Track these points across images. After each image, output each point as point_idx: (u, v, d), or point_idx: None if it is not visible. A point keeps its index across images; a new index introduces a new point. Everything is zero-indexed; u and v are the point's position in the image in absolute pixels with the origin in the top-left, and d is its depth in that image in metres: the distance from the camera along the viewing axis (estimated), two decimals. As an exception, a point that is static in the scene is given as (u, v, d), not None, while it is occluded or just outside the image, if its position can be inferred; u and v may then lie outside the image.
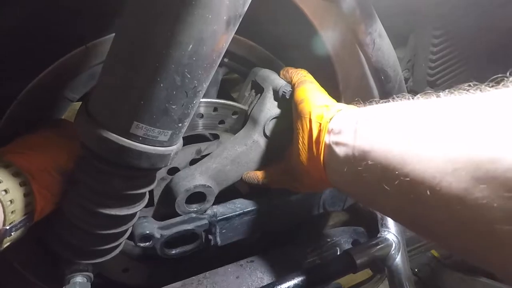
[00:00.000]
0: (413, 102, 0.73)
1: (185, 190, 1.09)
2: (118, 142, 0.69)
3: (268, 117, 1.16)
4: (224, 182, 1.17)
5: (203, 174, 1.13)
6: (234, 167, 1.17)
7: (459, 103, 0.61)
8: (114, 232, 0.85)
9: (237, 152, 1.16)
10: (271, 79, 1.18)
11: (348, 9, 1.11)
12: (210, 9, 0.62)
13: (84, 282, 0.87)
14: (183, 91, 0.68)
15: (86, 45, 0.96)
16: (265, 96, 1.17)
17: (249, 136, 1.18)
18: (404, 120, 0.69)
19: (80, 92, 1.04)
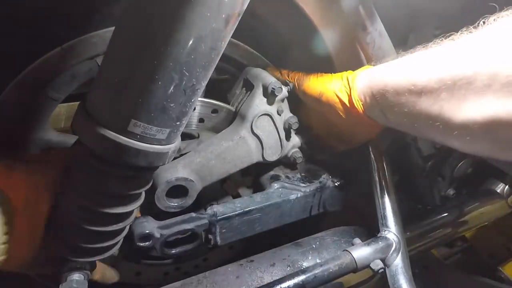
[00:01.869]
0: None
1: (166, 182, 1.07)
2: (116, 140, 0.68)
3: (256, 113, 1.17)
4: (208, 177, 1.16)
5: (186, 167, 1.12)
6: (218, 162, 1.16)
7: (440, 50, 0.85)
8: (111, 230, 0.85)
9: (222, 147, 1.16)
10: (262, 76, 1.19)
11: (349, 8, 1.11)
12: (209, 7, 0.62)
13: (81, 279, 0.87)
14: (181, 89, 0.68)
15: (62, 46, 0.97)
16: (254, 93, 1.18)
17: (236, 132, 1.18)
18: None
19: (64, 92, 1.05)
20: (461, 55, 0.75)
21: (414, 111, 0.88)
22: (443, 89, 0.77)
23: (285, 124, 1.24)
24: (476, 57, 0.71)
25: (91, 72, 1.05)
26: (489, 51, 0.69)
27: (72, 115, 1.16)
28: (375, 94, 0.99)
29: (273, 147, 1.25)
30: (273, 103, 1.20)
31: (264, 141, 1.21)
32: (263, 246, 1.23)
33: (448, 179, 1.56)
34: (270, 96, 1.17)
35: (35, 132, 1.06)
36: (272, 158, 1.26)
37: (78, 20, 0.98)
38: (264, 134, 1.21)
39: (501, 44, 0.68)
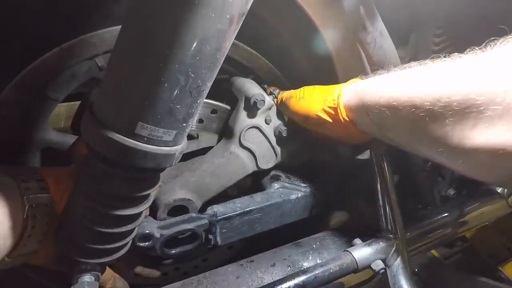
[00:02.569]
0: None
1: (165, 204, 1.10)
2: (123, 142, 0.68)
3: (243, 128, 1.18)
4: (206, 194, 1.18)
5: (183, 188, 1.14)
6: (214, 179, 1.18)
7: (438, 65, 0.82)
8: (120, 231, 0.85)
9: (215, 164, 1.18)
10: (245, 88, 1.20)
11: (350, 7, 1.10)
12: (213, 8, 0.62)
13: (92, 281, 0.87)
14: (187, 90, 0.68)
15: (61, 46, 0.97)
16: (239, 107, 1.19)
17: (226, 148, 1.20)
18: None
19: (64, 92, 1.05)
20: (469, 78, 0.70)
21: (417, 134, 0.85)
22: (449, 115, 0.72)
23: (275, 131, 1.25)
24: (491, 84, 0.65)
25: (90, 72, 1.05)
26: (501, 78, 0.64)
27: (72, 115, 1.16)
28: (368, 114, 0.97)
29: (267, 155, 1.26)
30: (257, 115, 1.21)
31: (256, 151, 1.22)
32: (263, 246, 1.23)
33: (448, 179, 1.56)
34: (253, 108, 1.18)
35: (35, 132, 1.06)
36: (268, 165, 1.27)
37: (78, 20, 0.98)
38: (254, 145, 1.22)
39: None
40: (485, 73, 0.68)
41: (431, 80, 0.78)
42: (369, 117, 0.97)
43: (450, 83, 0.73)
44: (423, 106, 0.77)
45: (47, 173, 0.86)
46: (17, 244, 0.78)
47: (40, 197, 0.80)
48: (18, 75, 0.95)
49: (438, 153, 0.81)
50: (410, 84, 0.84)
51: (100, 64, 1.04)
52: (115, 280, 1.07)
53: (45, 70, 0.98)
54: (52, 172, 0.87)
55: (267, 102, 1.18)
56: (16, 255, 0.79)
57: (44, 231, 0.82)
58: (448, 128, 0.73)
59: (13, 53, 0.93)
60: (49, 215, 0.82)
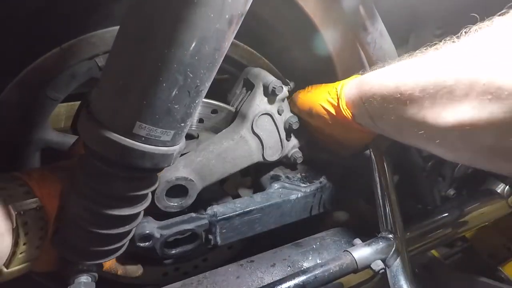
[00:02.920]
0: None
1: (166, 181, 1.07)
2: (121, 142, 0.68)
3: (257, 113, 1.17)
4: (208, 177, 1.15)
5: (187, 167, 1.11)
6: (219, 162, 1.15)
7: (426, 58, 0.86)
8: (118, 232, 0.85)
9: (223, 146, 1.15)
10: (262, 76, 1.19)
11: (350, 8, 1.10)
12: (212, 8, 0.62)
13: (88, 281, 0.87)
14: (186, 90, 0.68)
15: (61, 46, 0.97)
16: (255, 92, 1.18)
17: (237, 131, 1.18)
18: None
19: (64, 92, 1.05)
20: (443, 64, 0.77)
21: (401, 119, 0.90)
22: (426, 98, 0.79)
23: (285, 124, 1.24)
24: (457, 66, 0.73)
25: (90, 72, 1.05)
26: (468, 60, 0.71)
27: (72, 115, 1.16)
28: (364, 102, 1.00)
29: (274, 147, 1.25)
30: (274, 102, 1.20)
31: (265, 140, 1.21)
32: (263, 246, 1.23)
33: (448, 179, 1.56)
34: (270, 95, 1.17)
35: (35, 132, 1.06)
36: (272, 158, 1.26)
37: (78, 20, 0.98)
38: (264, 134, 1.21)
39: (480, 53, 0.70)
40: (455, 59, 0.75)
41: (414, 68, 0.86)
42: (364, 105, 1.01)
43: (427, 69, 0.81)
44: (406, 92, 0.84)
45: (27, 177, 0.84)
46: (14, 253, 0.77)
47: (26, 203, 0.78)
48: (18, 75, 0.95)
49: (419, 137, 0.87)
50: (397, 73, 0.91)
51: (100, 64, 1.04)
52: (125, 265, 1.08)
53: (45, 70, 0.98)
54: (33, 174, 0.86)
55: (284, 90, 1.18)
56: (16, 264, 0.78)
57: (40, 236, 0.81)
58: (425, 111, 0.80)
59: (13, 53, 0.93)
60: (41, 219, 0.81)
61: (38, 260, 0.84)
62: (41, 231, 0.81)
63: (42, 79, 0.99)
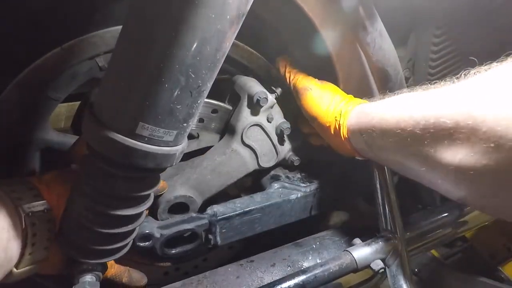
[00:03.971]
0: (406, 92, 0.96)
1: (166, 201, 1.11)
2: (124, 142, 0.68)
3: (245, 125, 1.18)
4: (206, 192, 1.18)
5: (184, 185, 1.14)
6: (215, 176, 1.18)
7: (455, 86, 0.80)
8: (121, 232, 0.86)
9: (216, 161, 1.18)
10: (248, 86, 1.20)
11: (349, 8, 1.10)
12: (214, 9, 0.62)
13: (93, 281, 0.87)
14: (188, 91, 0.68)
15: (62, 46, 0.97)
16: (241, 105, 1.19)
17: (228, 146, 1.20)
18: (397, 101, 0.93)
19: (64, 92, 1.05)
20: (443, 105, 0.76)
21: (401, 154, 0.91)
22: (427, 137, 0.78)
23: (277, 129, 1.25)
24: (456, 110, 0.72)
25: (91, 72, 1.05)
26: (468, 105, 0.70)
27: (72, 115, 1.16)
28: (362, 134, 1.02)
29: (268, 154, 1.26)
30: (259, 113, 1.21)
31: (258, 149, 1.22)
32: (263, 246, 1.23)
33: (448, 179, 1.56)
34: (255, 106, 1.18)
35: (35, 132, 1.06)
36: (269, 164, 1.27)
37: (78, 20, 0.98)
38: (256, 144, 1.22)
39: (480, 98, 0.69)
40: (455, 101, 0.74)
41: (414, 105, 0.84)
42: (362, 136, 1.02)
43: (428, 108, 0.79)
44: (407, 128, 0.83)
45: (36, 181, 0.86)
46: (23, 254, 0.78)
47: (34, 205, 0.80)
48: (19, 75, 0.95)
49: (421, 173, 0.87)
50: (398, 108, 0.90)
51: (100, 64, 1.04)
52: (130, 272, 1.08)
53: (46, 70, 0.97)
54: (41, 178, 0.88)
55: (269, 100, 1.18)
56: (25, 265, 0.79)
57: (47, 237, 0.82)
58: (427, 149, 0.79)
59: (13, 53, 0.93)
60: (49, 221, 0.82)
61: (46, 262, 0.85)
62: (48, 233, 0.82)
63: (42, 79, 0.98)
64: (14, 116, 0.99)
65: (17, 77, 0.95)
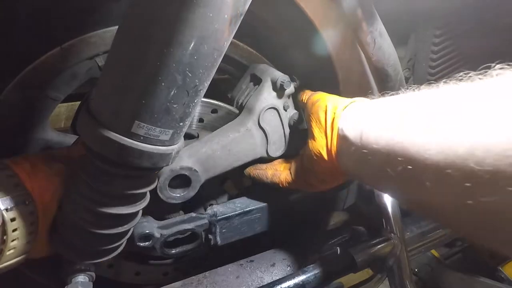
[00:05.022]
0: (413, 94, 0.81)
1: (170, 170, 1.04)
2: (120, 141, 0.68)
3: (264, 106, 1.16)
4: (212, 169, 1.13)
5: (191, 157, 1.09)
6: (224, 154, 1.14)
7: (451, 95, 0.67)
8: (116, 232, 0.85)
9: (228, 138, 1.14)
10: (270, 71, 1.19)
11: (349, 8, 1.10)
12: (212, 8, 0.62)
13: (86, 281, 0.88)
14: (184, 90, 0.68)
15: (61, 46, 0.97)
16: (262, 86, 1.18)
17: (243, 124, 1.17)
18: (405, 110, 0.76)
19: (64, 92, 1.05)
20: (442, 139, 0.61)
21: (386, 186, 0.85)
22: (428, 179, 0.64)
23: (290, 120, 1.24)
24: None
25: (90, 71, 1.05)
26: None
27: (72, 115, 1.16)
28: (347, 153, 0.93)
29: (277, 143, 1.24)
30: (281, 97, 1.20)
31: (270, 135, 1.20)
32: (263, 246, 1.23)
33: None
34: (278, 90, 1.18)
35: (35, 132, 1.06)
36: (276, 154, 1.25)
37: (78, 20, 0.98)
38: (270, 129, 1.20)
39: None
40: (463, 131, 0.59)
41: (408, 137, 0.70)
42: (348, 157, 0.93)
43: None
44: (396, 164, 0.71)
45: (17, 167, 0.79)
46: (1, 251, 0.74)
47: (14, 196, 0.75)
48: (18, 75, 0.95)
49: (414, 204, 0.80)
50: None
51: (100, 64, 1.04)
52: None
53: (46, 69, 0.98)
54: (24, 164, 0.81)
55: (291, 86, 1.19)
56: (4, 261, 0.76)
57: (30, 231, 0.78)
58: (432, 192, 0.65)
59: (13, 52, 0.93)
60: (32, 213, 0.78)
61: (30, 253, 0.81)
62: (31, 226, 0.78)
63: (42, 79, 0.99)
64: (14, 116, 0.99)
65: (17, 77, 0.95)
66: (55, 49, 0.97)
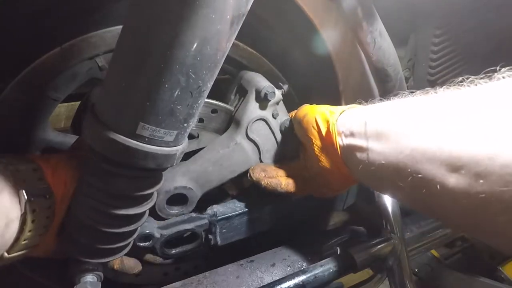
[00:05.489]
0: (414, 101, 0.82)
1: (165, 192, 1.08)
2: (125, 143, 0.69)
3: (251, 119, 1.16)
4: (206, 184, 1.16)
5: (184, 176, 1.12)
6: (216, 169, 1.15)
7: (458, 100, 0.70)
8: (123, 231, 0.86)
9: (219, 154, 1.16)
10: (256, 81, 1.19)
11: (349, 8, 1.11)
12: (214, 9, 0.62)
13: (94, 281, 0.88)
14: (188, 91, 0.68)
15: (62, 46, 0.97)
16: (248, 98, 1.18)
17: (232, 138, 1.18)
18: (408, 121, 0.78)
19: (64, 92, 1.05)
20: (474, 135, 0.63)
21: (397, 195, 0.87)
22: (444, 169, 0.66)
23: (281, 126, 1.24)
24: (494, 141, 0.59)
25: (91, 72, 1.05)
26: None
27: (72, 115, 1.16)
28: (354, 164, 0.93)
29: (271, 150, 1.25)
30: (267, 107, 1.20)
31: (261, 145, 1.21)
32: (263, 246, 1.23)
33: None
34: (263, 100, 1.17)
35: (35, 132, 1.06)
36: (270, 161, 1.26)
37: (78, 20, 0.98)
38: (260, 139, 1.21)
39: None
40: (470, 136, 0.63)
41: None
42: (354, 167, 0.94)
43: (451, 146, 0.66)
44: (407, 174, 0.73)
45: (43, 161, 0.83)
46: (17, 239, 0.75)
47: (38, 189, 0.77)
48: (19, 75, 0.95)
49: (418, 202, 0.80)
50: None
51: (100, 64, 1.04)
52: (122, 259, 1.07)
53: (46, 70, 0.97)
54: (48, 159, 0.85)
55: (276, 95, 1.18)
56: (16, 250, 0.77)
57: (45, 224, 0.80)
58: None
59: (14, 52, 0.93)
60: (49, 208, 0.80)
61: (37, 247, 0.83)
62: (47, 220, 0.80)
63: (42, 79, 0.98)
64: (14, 116, 0.99)
65: (17, 77, 0.95)
66: (55, 49, 0.97)
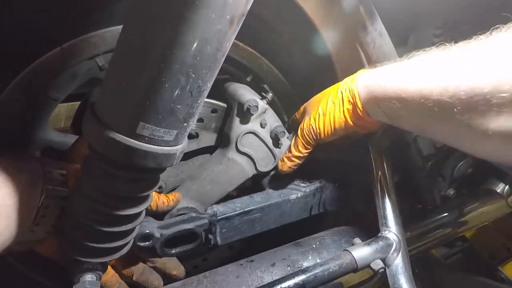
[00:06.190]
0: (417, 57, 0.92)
1: (169, 214, 1.13)
2: (125, 142, 0.68)
3: (238, 134, 1.18)
4: (208, 201, 1.19)
5: (185, 197, 1.15)
6: (214, 186, 1.18)
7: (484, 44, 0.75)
8: (121, 230, 0.86)
9: (214, 172, 1.18)
10: (238, 94, 1.19)
11: (349, 8, 1.10)
12: (214, 9, 0.62)
13: (93, 280, 0.87)
14: (188, 91, 0.68)
15: (62, 46, 0.97)
16: (233, 113, 1.19)
17: (224, 155, 1.20)
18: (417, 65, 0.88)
19: (64, 92, 1.05)
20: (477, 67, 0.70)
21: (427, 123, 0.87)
22: (457, 103, 0.73)
23: (271, 133, 1.24)
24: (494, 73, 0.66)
25: (91, 72, 1.04)
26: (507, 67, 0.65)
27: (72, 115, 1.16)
28: (380, 106, 0.97)
29: (265, 158, 1.26)
30: (251, 121, 1.20)
31: (254, 156, 1.22)
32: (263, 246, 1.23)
33: (448, 179, 1.56)
34: (246, 115, 1.18)
35: (36, 132, 1.06)
36: (267, 168, 1.27)
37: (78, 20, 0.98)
38: (252, 150, 1.22)
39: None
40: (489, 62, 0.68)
41: (438, 70, 0.79)
42: (380, 109, 0.97)
43: (456, 73, 0.73)
44: (431, 96, 0.78)
45: (71, 170, 0.90)
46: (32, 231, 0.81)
47: (58, 190, 0.84)
48: (19, 75, 0.95)
49: (452, 140, 0.84)
50: (417, 74, 0.85)
51: (100, 64, 1.04)
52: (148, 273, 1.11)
53: (46, 70, 0.97)
54: (76, 169, 0.91)
55: (260, 107, 1.17)
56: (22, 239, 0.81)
57: (53, 223, 0.84)
58: (458, 117, 0.74)
59: (14, 53, 0.93)
60: (61, 209, 0.85)
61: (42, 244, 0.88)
62: (55, 219, 0.85)
63: (42, 79, 0.98)
64: (14, 116, 0.99)
65: (17, 77, 0.95)
66: (55, 49, 0.97)
